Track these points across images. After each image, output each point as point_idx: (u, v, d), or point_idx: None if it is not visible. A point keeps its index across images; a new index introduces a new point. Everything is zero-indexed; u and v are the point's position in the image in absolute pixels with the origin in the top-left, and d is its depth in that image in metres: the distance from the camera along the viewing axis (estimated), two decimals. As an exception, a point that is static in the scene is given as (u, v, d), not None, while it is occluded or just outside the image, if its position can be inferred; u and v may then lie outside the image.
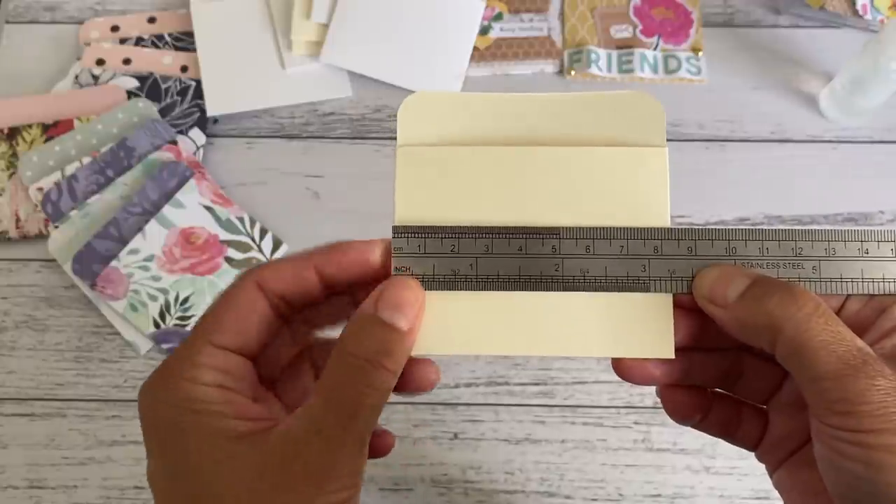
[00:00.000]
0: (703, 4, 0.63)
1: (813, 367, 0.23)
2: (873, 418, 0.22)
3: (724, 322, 0.25)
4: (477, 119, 0.27)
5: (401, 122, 0.27)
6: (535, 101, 0.28)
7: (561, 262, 0.26)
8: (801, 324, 0.23)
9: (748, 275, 0.25)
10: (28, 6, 0.64)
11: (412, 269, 0.26)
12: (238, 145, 0.60)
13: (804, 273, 0.26)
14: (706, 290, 0.25)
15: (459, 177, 0.27)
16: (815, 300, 0.24)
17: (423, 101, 0.28)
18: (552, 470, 0.51)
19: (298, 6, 0.61)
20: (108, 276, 0.53)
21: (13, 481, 0.51)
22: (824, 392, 0.23)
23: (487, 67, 0.62)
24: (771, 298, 0.24)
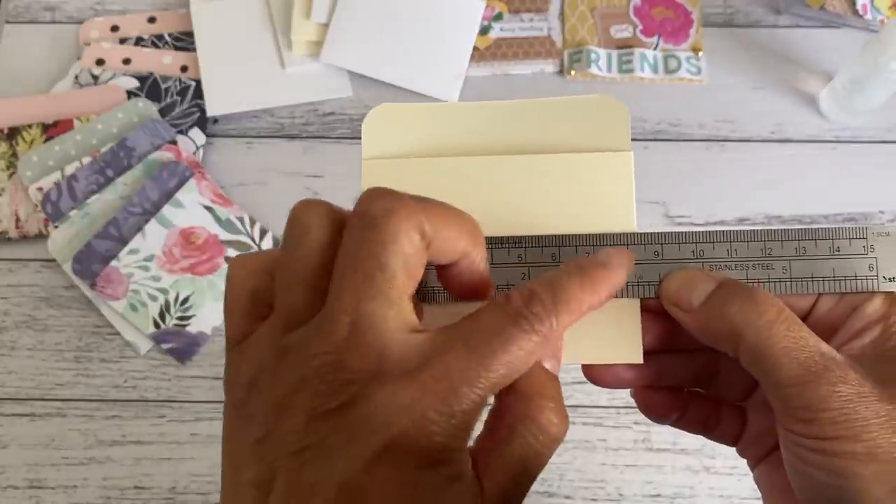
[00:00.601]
0: (703, 4, 0.63)
1: (775, 373, 0.23)
2: (835, 425, 0.22)
3: (690, 327, 0.25)
4: (442, 129, 0.27)
5: (365, 135, 0.27)
6: (499, 109, 0.27)
7: (528, 270, 0.26)
8: (762, 330, 0.23)
9: (713, 278, 0.24)
10: (28, 6, 0.64)
11: None
12: (238, 145, 0.60)
13: (774, 273, 0.25)
14: (672, 295, 0.25)
15: (422, 189, 0.25)
16: (778, 305, 0.23)
17: (386, 113, 0.27)
18: (552, 470, 0.51)
19: (298, 6, 0.61)
20: (108, 275, 0.53)
21: (13, 481, 0.51)
22: (787, 399, 0.23)
23: (487, 67, 0.62)
24: (733, 304, 0.23)
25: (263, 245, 0.56)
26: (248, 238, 0.56)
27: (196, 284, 0.54)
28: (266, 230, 0.57)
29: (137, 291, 0.53)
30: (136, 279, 0.53)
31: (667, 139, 0.59)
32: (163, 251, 0.54)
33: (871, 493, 0.22)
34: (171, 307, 0.53)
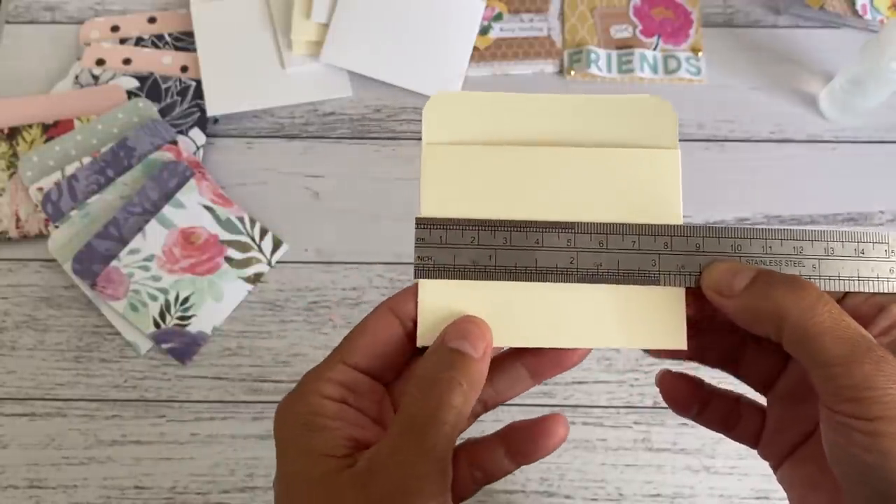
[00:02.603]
0: (703, 4, 0.63)
1: (820, 353, 0.23)
2: (881, 405, 0.22)
3: (732, 312, 0.26)
4: (497, 118, 0.29)
5: (426, 121, 0.29)
6: (554, 102, 0.29)
7: (576, 254, 0.27)
8: (805, 311, 0.24)
9: (753, 269, 0.26)
10: (28, 6, 0.64)
11: (433, 258, 0.27)
12: (238, 145, 0.60)
13: (804, 270, 0.27)
14: (713, 283, 0.26)
15: (481, 174, 0.28)
16: (818, 290, 0.24)
17: (445, 100, 0.29)
18: (552, 470, 0.51)
19: (298, 6, 0.61)
20: (109, 275, 0.53)
21: (13, 481, 0.51)
22: (832, 378, 0.23)
23: (487, 67, 0.62)
24: (777, 289, 0.25)
25: (263, 245, 0.56)
26: (248, 238, 0.56)
27: (196, 284, 0.54)
28: (266, 230, 0.57)
29: (138, 291, 0.53)
30: (136, 279, 0.53)
31: (667, 139, 0.59)
32: (163, 251, 0.54)
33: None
34: (172, 307, 0.54)
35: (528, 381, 0.29)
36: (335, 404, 0.25)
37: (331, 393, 0.25)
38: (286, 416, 0.26)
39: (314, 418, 0.25)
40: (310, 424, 0.25)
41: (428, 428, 0.24)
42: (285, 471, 0.25)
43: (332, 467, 0.24)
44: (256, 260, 0.56)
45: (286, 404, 0.26)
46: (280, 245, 0.57)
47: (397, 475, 0.23)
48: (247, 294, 0.55)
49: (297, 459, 0.25)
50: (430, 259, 0.27)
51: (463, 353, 0.25)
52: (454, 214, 0.28)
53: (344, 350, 0.26)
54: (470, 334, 0.26)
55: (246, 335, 0.55)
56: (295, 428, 0.25)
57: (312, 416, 0.25)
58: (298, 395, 0.26)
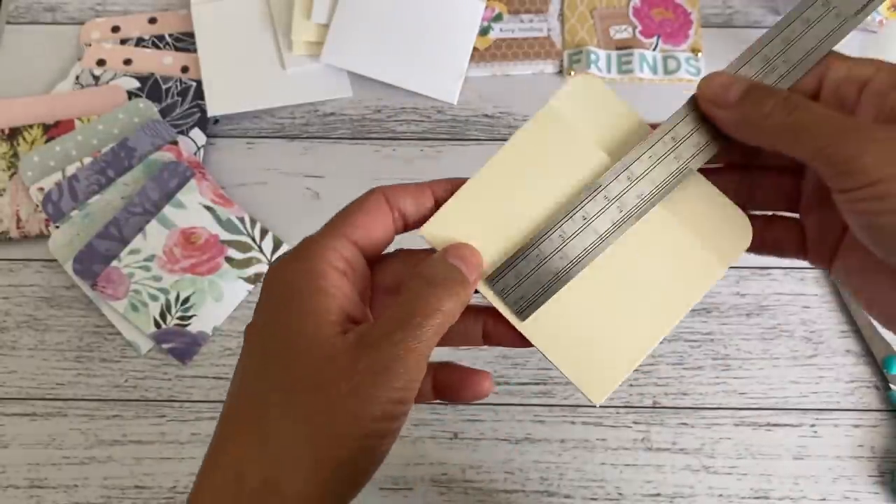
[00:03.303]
0: (703, 5, 0.63)
1: (811, 141, 0.25)
2: (878, 167, 0.24)
3: (726, 122, 0.28)
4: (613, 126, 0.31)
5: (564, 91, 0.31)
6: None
7: (619, 201, 0.29)
8: (791, 114, 0.26)
9: (745, 81, 0.28)
10: (28, 7, 0.64)
11: (524, 296, 0.29)
12: (238, 146, 0.60)
13: (781, 70, 0.29)
14: (710, 94, 0.28)
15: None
16: (801, 97, 0.27)
17: (590, 85, 0.31)
18: (552, 469, 0.51)
19: (298, 6, 0.61)
20: (109, 276, 0.53)
21: (14, 481, 0.51)
22: (828, 159, 0.25)
23: (487, 68, 0.62)
24: (767, 99, 0.27)
25: (264, 245, 0.56)
26: (248, 238, 0.56)
27: (197, 284, 0.54)
28: (266, 230, 0.57)
29: (138, 291, 0.53)
30: (136, 279, 0.54)
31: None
32: (163, 251, 0.54)
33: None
34: (172, 307, 0.54)
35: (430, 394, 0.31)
36: (338, 274, 0.27)
37: (336, 263, 0.27)
38: (288, 274, 0.27)
39: (319, 281, 0.26)
40: (314, 286, 0.26)
41: (421, 322, 0.26)
42: (276, 321, 0.27)
43: (326, 332, 0.26)
44: (257, 260, 0.56)
45: (288, 263, 0.27)
46: (280, 245, 0.57)
47: (385, 355, 0.25)
48: (247, 294, 0.55)
49: (293, 315, 0.26)
50: (522, 299, 0.29)
51: (460, 272, 0.27)
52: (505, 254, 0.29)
53: (346, 226, 0.28)
54: (468, 260, 0.28)
55: (246, 335, 0.55)
56: (296, 285, 0.27)
57: (317, 279, 0.26)
58: (303, 258, 0.27)
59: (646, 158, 0.29)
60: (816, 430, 0.52)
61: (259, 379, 0.26)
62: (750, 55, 0.29)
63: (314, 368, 0.25)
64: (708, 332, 0.54)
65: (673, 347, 0.54)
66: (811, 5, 0.29)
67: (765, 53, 0.29)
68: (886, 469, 0.51)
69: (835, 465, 0.51)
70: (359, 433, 0.25)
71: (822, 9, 0.29)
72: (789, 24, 0.29)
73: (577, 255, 0.29)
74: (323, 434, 0.25)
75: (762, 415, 0.52)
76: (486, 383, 0.30)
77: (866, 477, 0.51)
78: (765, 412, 0.52)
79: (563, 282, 0.29)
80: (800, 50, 0.29)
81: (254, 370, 0.27)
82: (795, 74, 0.29)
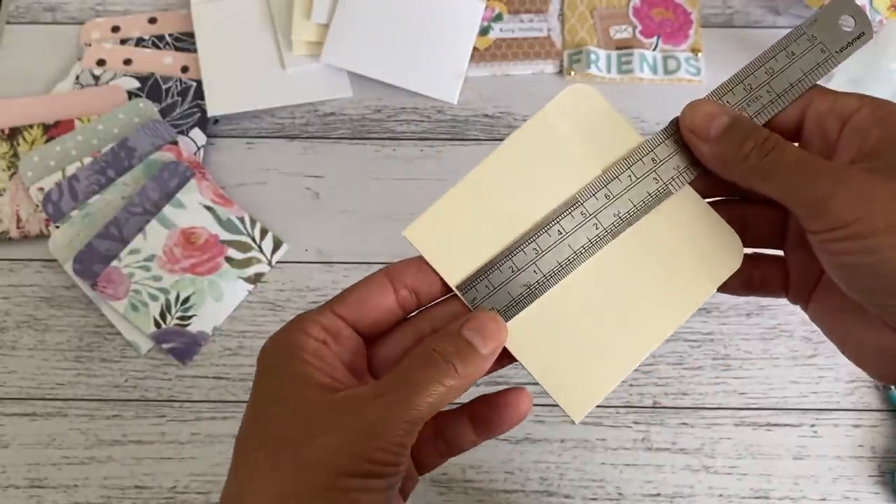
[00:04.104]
0: (703, 5, 0.63)
1: (784, 182, 0.26)
2: (851, 209, 0.24)
3: (705, 155, 0.28)
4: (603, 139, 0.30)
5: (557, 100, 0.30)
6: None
7: (596, 219, 0.29)
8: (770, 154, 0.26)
9: (728, 113, 0.28)
10: (29, 7, 0.64)
11: (493, 306, 0.28)
12: (238, 145, 0.60)
13: (764, 100, 0.29)
14: (692, 124, 0.28)
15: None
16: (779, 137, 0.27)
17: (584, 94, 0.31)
18: (552, 469, 0.51)
19: (298, 6, 0.61)
20: (109, 275, 0.53)
21: (14, 481, 0.51)
22: (801, 200, 0.25)
23: (487, 68, 0.62)
24: (748, 142, 0.27)
25: (264, 245, 0.56)
26: (248, 238, 0.56)
27: (197, 284, 0.54)
28: (266, 230, 0.57)
29: (138, 291, 0.53)
30: (136, 279, 0.54)
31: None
32: (163, 251, 0.54)
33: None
34: (172, 307, 0.54)
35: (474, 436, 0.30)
36: (315, 343, 0.27)
37: (314, 332, 0.27)
38: (271, 346, 0.28)
39: (296, 350, 0.27)
40: (292, 355, 0.27)
41: (416, 392, 0.25)
42: (263, 390, 0.27)
43: (310, 392, 0.26)
44: (257, 260, 0.56)
45: (273, 337, 0.28)
46: (280, 245, 0.57)
47: (375, 416, 0.25)
48: (247, 294, 0.55)
49: (277, 380, 0.27)
50: (492, 309, 0.28)
51: (471, 346, 0.26)
52: (479, 263, 0.29)
53: (335, 301, 0.28)
54: (485, 329, 0.27)
55: (246, 335, 0.55)
56: (278, 355, 0.27)
57: (295, 348, 0.27)
58: (285, 331, 0.28)
59: (625, 178, 0.29)
60: (816, 430, 0.52)
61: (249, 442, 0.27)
62: (733, 83, 0.29)
63: (294, 423, 0.25)
64: (708, 332, 0.54)
65: (673, 347, 0.54)
66: (796, 39, 0.29)
67: (748, 83, 0.29)
68: (887, 469, 0.51)
69: (835, 465, 0.51)
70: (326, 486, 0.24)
71: (808, 43, 0.29)
72: (774, 56, 0.29)
73: (551, 269, 0.28)
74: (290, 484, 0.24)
75: (762, 415, 0.52)
76: (524, 402, 0.29)
77: (866, 477, 0.51)
78: (765, 412, 0.52)
79: (535, 296, 0.28)
80: (784, 81, 0.29)
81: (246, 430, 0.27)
82: (778, 105, 0.29)
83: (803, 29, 0.29)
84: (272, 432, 0.26)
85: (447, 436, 0.30)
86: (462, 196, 0.29)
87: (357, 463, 0.24)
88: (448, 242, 0.29)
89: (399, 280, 0.28)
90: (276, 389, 0.27)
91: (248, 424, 0.27)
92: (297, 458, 0.25)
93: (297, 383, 0.26)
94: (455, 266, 0.29)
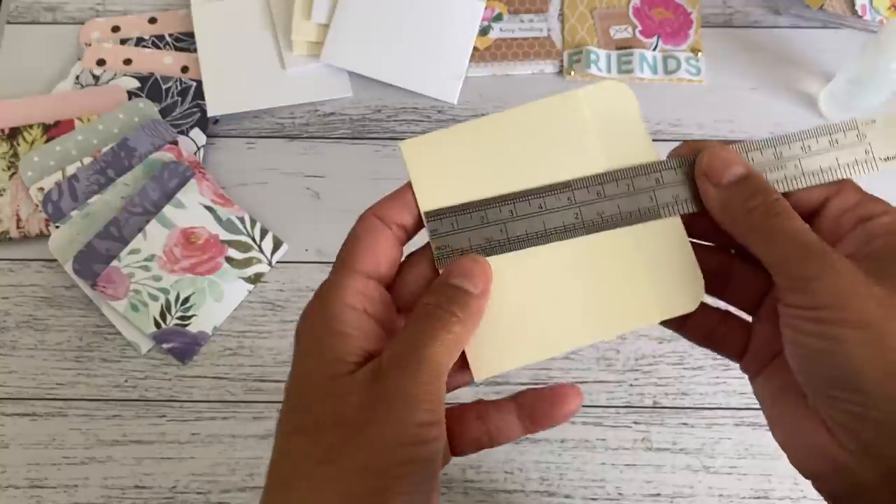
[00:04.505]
0: (703, 5, 0.63)
1: (777, 249, 0.26)
2: (829, 295, 0.24)
3: (711, 200, 0.28)
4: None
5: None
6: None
7: (579, 209, 0.29)
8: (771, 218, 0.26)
9: (745, 165, 0.28)
10: (29, 7, 0.64)
11: (450, 244, 0.29)
12: (238, 145, 0.60)
13: (789, 172, 0.28)
14: (707, 167, 0.28)
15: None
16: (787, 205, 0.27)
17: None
18: (552, 469, 0.51)
19: (298, 6, 0.61)
20: (109, 276, 0.53)
21: (14, 481, 0.51)
22: (786, 272, 0.25)
23: (487, 68, 0.62)
24: (756, 198, 0.27)
25: (264, 245, 0.56)
26: (248, 238, 0.56)
27: (197, 284, 0.54)
28: (266, 230, 0.57)
29: (138, 291, 0.53)
30: (136, 279, 0.54)
31: (666, 139, 0.59)
32: (163, 251, 0.54)
33: (860, 356, 0.24)
34: (172, 307, 0.54)
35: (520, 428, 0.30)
36: (355, 312, 0.27)
37: (352, 301, 0.27)
38: (309, 322, 0.28)
39: (334, 324, 0.27)
40: (330, 329, 0.27)
41: (427, 344, 0.26)
42: (298, 371, 0.27)
43: (341, 371, 0.26)
44: (257, 260, 0.56)
45: (310, 310, 0.28)
46: (280, 245, 0.57)
47: (398, 380, 0.25)
48: (247, 294, 0.55)
49: (311, 361, 0.27)
50: (447, 247, 0.29)
51: (463, 290, 0.27)
52: (454, 201, 0.29)
53: (354, 260, 0.28)
54: (471, 272, 0.27)
55: (246, 335, 0.55)
56: (315, 332, 0.27)
57: (333, 322, 0.27)
58: (321, 303, 0.27)
59: (623, 184, 0.29)
60: (816, 430, 0.52)
61: (287, 427, 0.27)
62: (765, 145, 0.28)
63: (331, 408, 0.26)
64: (708, 332, 0.54)
65: (673, 347, 0.54)
66: (846, 129, 0.28)
67: (781, 150, 0.28)
68: (887, 469, 0.51)
69: (835, 465, 0.51)
70: (384, 463, 0.24)
71: (855, 138, 0.28)
72: (816, 136, 0.28)
73: (517, 235, 0.29)
74: (346, 470, 0.24)
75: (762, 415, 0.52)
76: (576, 399, 0.29)
77: (866, 477, 0.51)
78: (765, 412, 0.52)
79: (491, 251, 0.29)
80: (815, 163, 0.28)
81: (284, 420, 0.27)
82: (800, 183, 0.28)
83: (856, 123, 0.29)
84: (312, 417, 0.26)
85: (491, 425, 0.30)
86: (467, 134, 0.30)
87: (401, 432, 0.24)
88: (435, 170, 0.29)
89: (389, 218, 0.29)
90: (308, 369, 0.27)
91: (286, 414, 0.27)
92: (343, 440, 0.25)
93: (331, 364, 0.26)
94: (432, 195, 0.29)
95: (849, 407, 0.24)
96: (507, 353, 0.28)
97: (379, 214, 0.29)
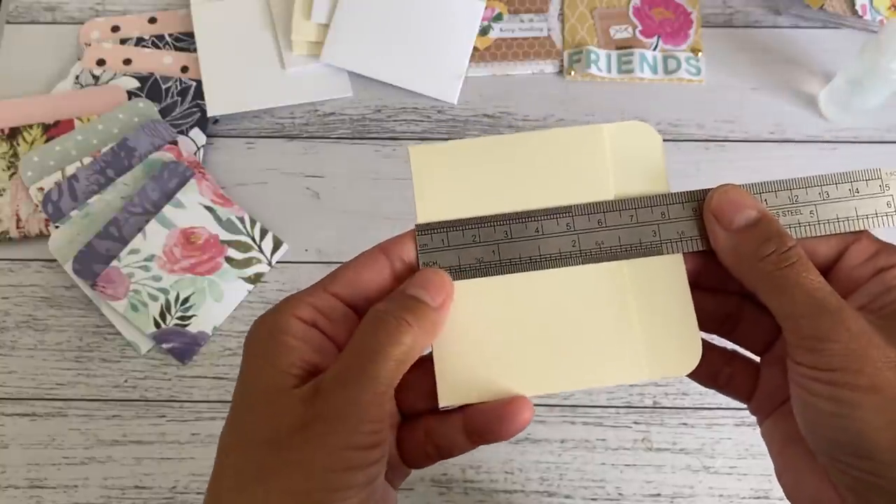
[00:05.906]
0: (703, 5, 0.63)
1: (790, 305, 0.25)
2: (842, 357, 0.23)
3: (721, 244, 0.27)
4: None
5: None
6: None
7: (577, 237, 0.28)
8: (784, 268, 0.25)
9: (758, 208, 0.26)
10: (28, 7, 0.64)
11: (438, 262, 0.27)
12: (238, 145, 0.60)
13: (803, 218, 0.27)
14: (716, 208, 0.27)
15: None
16: (802, 253, 0.26)
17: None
18: (552, 469, 0.51)
19: (298, 6, 0.61)
20: (109, 276, 0.53)
21: (14, 481, 0.51)
22: (798, 329, 0.24)
23: (487, 67, 0.62)
24: (769, 244, 0.25)
25: (264, 245, 0.56)
26: (248, 238, 0.56)
27: (197, 284, 0.54)
28: (266, 230, 0.57)
29: (138, 291, 0.53)
30: (136, 279, 0.54)
31: (666, 139, 0.59)
32: (163, 251, 0.54)
33: (871, 422, 0.23)
34: (172, 307, 0.54)
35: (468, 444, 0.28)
36: (303, 325, 0.26)
37: (302, 314, 0.26)
38: (257, 329, 0.27)
39: (280, 335, 0.26)
40: (275, 339, 0.26)
41: (373, 359, 0.24)
42: (242, 378, 0.26)
43: (283, 383, 0.25)
44: (257, 260, 0.56)
45: (260, 319, 0.27)
46: (280, 245, 0.57)
47: (339, 399, 0.24)
48: (247, 294, 0.55)
49: (255, 370, 0.26)
50: (435, 263, 0.27)
51: (419, 300, 0.26)
52: (451, 216, 0.28)
53: (328, 279, 0.27)
54: (430, 284, 0.26)
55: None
56: (261, 341, 0.26)
57: (279, 333, 0.26)
58: (273, 312, 0.27)
59: (626, 215, 0.27)
60: (817, 430, 0.52)
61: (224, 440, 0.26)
62: (780, 187, 0.27)
63: (267, 423, 0.24)
64: (708, 332, 0.54)
65: (673, 347, 0.54)
66: (867, 179, 0.27)
67: (796, 194, 0.27)
68: (887, 469, 0.50)
69: (835, 465, 0.51)
70: (313, 488, 0.23)
71: (878, 189, 0.27)
72: (835, 183, 0.27)
73: (509, 258, 0.27)
74: (276, 491, 0.23)
75: (762, 415, 0.52)
76: (525, 412, 0.27)
77: (867, 477, 0.51)
78: (765, 412, 0.52)
79: (481, 273, 0.27)
80: (833, 211, 0.27)
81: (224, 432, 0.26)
82: (815, 231, 0.27)
83: (880, 174, 0.27)
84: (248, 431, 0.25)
85: (437, 441, 0.28)
86: (481, 149, 0.29)
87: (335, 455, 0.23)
88: (440, 181, 0.28)
89: (394, 254, 0.28)
90: (251, 378, 0.26)
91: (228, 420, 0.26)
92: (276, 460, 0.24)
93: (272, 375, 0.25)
94: (432, 206, 0.28)
95: (859, 474, 0.23)
96: (476, 384, 0.27)
97: (383, 247, 0.28)
